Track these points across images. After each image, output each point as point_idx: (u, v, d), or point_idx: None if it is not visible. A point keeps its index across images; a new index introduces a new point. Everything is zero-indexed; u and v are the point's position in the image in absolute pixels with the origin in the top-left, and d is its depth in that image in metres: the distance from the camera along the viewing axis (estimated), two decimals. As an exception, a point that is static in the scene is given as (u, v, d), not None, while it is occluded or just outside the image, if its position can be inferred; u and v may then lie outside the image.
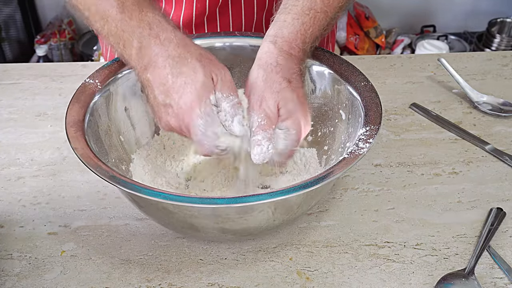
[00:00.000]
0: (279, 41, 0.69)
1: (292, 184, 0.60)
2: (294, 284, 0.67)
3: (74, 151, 0.63)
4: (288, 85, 0.67)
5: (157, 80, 0.65)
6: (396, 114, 0.95)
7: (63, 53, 2.51)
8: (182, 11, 0.92)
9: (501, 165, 0.85)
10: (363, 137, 0.66)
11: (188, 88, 0.64)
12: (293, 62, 0.69)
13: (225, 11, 0.93)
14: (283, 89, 0.67)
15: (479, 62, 1.10)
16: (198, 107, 0.64)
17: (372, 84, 0.74)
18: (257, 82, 0.68)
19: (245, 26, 0.95)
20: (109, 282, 0.67)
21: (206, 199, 0.61)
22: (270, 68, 0.68)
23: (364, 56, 1.13)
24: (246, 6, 0.93)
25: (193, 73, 0.64)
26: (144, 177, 0.75)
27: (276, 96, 0.67)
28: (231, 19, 0.93)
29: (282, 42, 0.69)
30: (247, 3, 0.92)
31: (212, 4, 0.91)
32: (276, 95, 0.67)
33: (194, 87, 0.64)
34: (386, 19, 2.55)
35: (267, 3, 0.93)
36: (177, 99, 0.64)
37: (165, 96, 0.65)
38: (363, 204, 0.78)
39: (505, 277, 0.68)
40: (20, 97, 1.00)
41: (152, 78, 0.65)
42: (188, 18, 0.92)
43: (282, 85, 0.67)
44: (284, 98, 0.67)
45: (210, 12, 0.92)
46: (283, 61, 0.68)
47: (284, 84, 0.67)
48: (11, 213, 0.77)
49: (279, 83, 0.67)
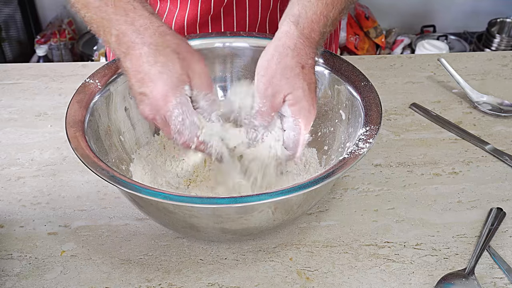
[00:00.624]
0: (302, 22, 0.68)
1: (292, 184, 0.60)
2: (294, 284, 0.67)
3: (74, 151, 0.63)
4: (301, 71, 0.67)
5: (134, 68, 0.65)
6: (396, 114, 0.95)
7: (63, 53, 2.51)
8: (187, 11, 0.93)
9: (501, 165, 0.85)
10: (363, 137, 0.66)
11: (163, 78, 0.63)
12: (310, 47, 0.68)
13: (230, 11, 0.93)
14: (295, 75, 0.67)
15: (479, 62, 1.10)
16: (172, 96, 0.64)
17: (372, 84, 0.74)
18: (270, 64, 0.67)
19: (249, 26, 0.95)
20: (109, 282, 0.68)
21: (206, 199, 0.61)
22: (286, 51, 0.67)
23: (364, 56, 1.13)
24: (251, 6, 0.93)
25: (170, 64, 0.64)
26: (144, 177, 0.75)
27: (285, 83, 0.66)
28: (235, 19, 0.94)
29: (304, 23, 0.68)
30: (251, 3, 0.92)
31: (217, 4, 0.91)
32: (286, 81, 0.66)
33: (170, 77, 0.64)
34: (386, 19, 2.55)
35: (272, 3, 0.93)
36: (152, 88, 0.64)
37: (140, 84, 0.64)
38: (363, 204, 0.78)
39: (505, 277, 0.68)
40: (20, 97, 1.00)
41: (130, 66, 0.65)
42: (192, 18, 0.93)
43: (295, 71, 0.67)
44: (294, 85, 0.67)
45: (215, 12, 0.92)
46: (301, 45, 0.67)
47: (297, 70, 0.67)
48: (11, 213, 0.77)
49: (292, 68, 0.67)
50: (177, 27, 0.95)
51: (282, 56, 0.67)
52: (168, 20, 0.95)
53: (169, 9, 0.95)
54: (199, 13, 0.92)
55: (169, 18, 0.95)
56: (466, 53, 1.46)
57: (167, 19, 0.95)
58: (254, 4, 0.93)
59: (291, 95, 0.67)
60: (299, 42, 0.67)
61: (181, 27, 0.94)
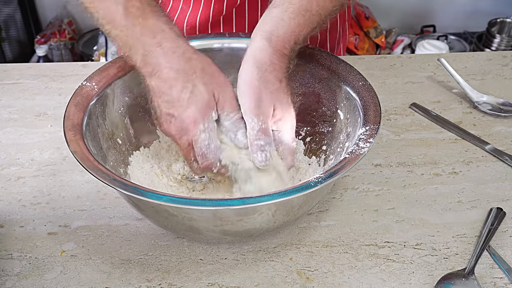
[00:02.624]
0: (274, 39, 0.69)
1: (293, 185, 0.60)
2: (294, 284, 0.67)
3: (73, 155, 0.63)
4: (280, 85, 0.69)
5: (161, 89, 0.66)
6: (396, 114, 0.95)
7: (63, 53, 2.51)
8: (200, 11, 0.93)
9: (501, 165, 0.85)
10: (363, 137, 0.66)
11: (192, 105, 0.66)
12: (284, 62, 0.70)
13: (242, 12, 0.93)
14: (276, 89, 0.68)
15: (479, 62, 1.10)
16: (202, 122, 0.66)
17: (370, 83, 0.74)
18: (252, 82, 0.68)
19: None
20: (109, 282, 0.68)
21: (207, 201, 0.61)
22: (264, 67, 0.68)
23: (364, 56, 1.13)
24: (263, 7, 0.93)
25: (196, 90, 0.66)
26: (143, 179, 0.75)
27: (271, 97, 0.68)
28: (247, 20, 0.94)
29: (276, 41, 0.69)
30: (264, 4, 0.93)
31: (229, 4, 0.92)
32: (271, 96, 0.68)
33: (199, 104, 0.66)
34: (386, 19, 2.55)
35: None
36: (181, 112, 0.66)
37: (169, 106, 0.66)
38: (363, 204, 0.78)
39: (505, 277, 0.68)
40: (20, 97, 1.00)
41: (156, 86, 0.67)
42: (205, 18, 0.93)
43: (275, 85, 0.68)
44: (279, 99, 0.68)
45: (227, 12, 0.93)
46: (276, 61, 0.69)
47: (277, 84, 0.68)
48: (11, 213, 0.77)
49: (273, 83, 0.68)
50: (189, 26, 0.95)
51: (262, 71, 0.68)
52: (180, 19, 0.95)
53: (182, 8, 0.95)
54: (212, 13, 0.93)
55: (181, 18, 0.95)
56: (466, 53, 1.46)
57: (179, 18, 0.95)
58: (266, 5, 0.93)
59: (277, 110, 0.69)
60: (274, 58, 0.69)
61: (193, 27, 0.95)
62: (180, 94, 0.66)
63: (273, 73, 0.68)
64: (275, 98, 0.68)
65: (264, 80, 0.68)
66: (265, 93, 0.67)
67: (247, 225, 0.64)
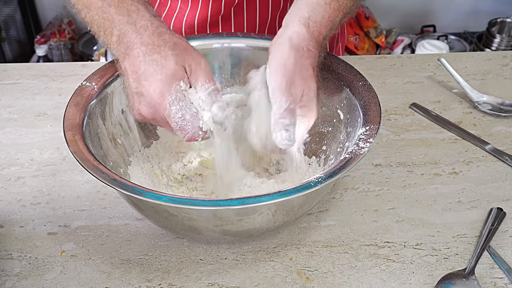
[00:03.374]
0: (312, 25, 0.68)
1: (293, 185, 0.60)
2: (294, 284, 0.67)
3: (73, 155, 0.63)
4: (312, 73, 0.68)
5: (131, 68, 0.65)
6: (396, 114, 0.95)
7: (63, 53, 2.51)
8: (198, 10, 0.93)
9: (501, 165, 0.85)
10: (363, 137, 0.66)
11: (157, 76, 0.64)
12: (318, 50, 0.69)
13: (240, 11, 0.93)
14: (308, 76, 0.67)
15: (479, 62, 1.10)
16: (168, 93, 0.64)
17: (370, 83, 0.74)
18: (288, 64, 0.66)
19: (259, 26, 0.95)
20: (109, 282, 0.67)
21: (207, 201, 0.61)
22: (301, 52, 0.67)
23: (364, 56, 1.13)
24: (261, 6, 0.93)
25: (164, 61, 0.64)
26: (143, 179, 0.75)
27: (303, 83, 0.66)
28: (245, 19, 0.94)
29: (314, 27, 0.68)
30: (262, 3, 0.92)
31: (227, 3, 0.92)
32: (303, 82, 0.67)
33: (164, 74, 0.64)
34: (386, 19, 2.55)
35: (282, 3, 0.93)
36: (147, 87, 0.64)
37: (137, 84, 0.65)
38: (363, 204, 0.78)
39: (505, 277, 0.68)
40: (20, 97, 1.00)
41: (128, 66, 0.65)
42: (203, 18, 0.93)
43: (309, 72, 0.67)
44: (308, 86, 0.67)
45: (225, 12, 0.93)
46: (312, 48, 0.68)
47: (310, 71, 0.67)
48: (11, 213, 0.77)
49: (307, 69, 0.67)
50: (187, 26, 0.95)
51: (298, 56, 0.67)
52: (179, 19, 0.95)
53: (180, 7, 0.95)
54: (210, 12, 0.93)
55: (180, 17, 0.95)
56: (466, 53, 1.46)
57: (177, 18, 0.95)
58: (264, 4, 0.93)
59: (305, 96, 0.67)
60: (311, 45, 0.68)
61: (191, 26, 0.95)
62: (148, 68, 0.64)
63: (308, 59, 0.67)
64: (305, 85, 0.67)
65: (299, 65, 0.66)
66: (298, 77, 0.66)
67: (247, 225, 0.64)
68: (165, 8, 0.97)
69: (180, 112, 0.64)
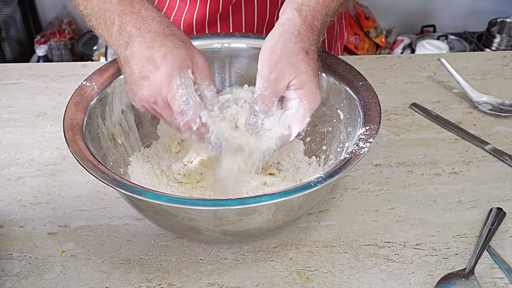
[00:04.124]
0: (304, 10, 0.68)
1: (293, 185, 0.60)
2: (294, 284, 0.67)
3: (73, 155, 0.63)
4: (305, 56, 0.67)
5: (136, 53, 0.65)
6: (396, 114, 0.95)
7: (63, 53, 2.51)
8: (196, 9, 0.93)
9: (501, 165, 0.85)
10: (363, 137, 0.66)
11: (168, 59, 0.64)
12: (313, 33, 0.69)
13: (238, 10, 0.93)
14: (299, 60, 0.67)
15: (479, 62, 1.10)
16: (178, 76, 0.64)
17: (370, 83, 0.74)
18: (274, 50, 0.67)
19: (257, 24, 0.95)
20: (109, 282, 0.67)
21: (207, 201, 0.61)
22: (290, 37, 0.67)
23: (364, 56, 1.13)
24: (259, 5, 0.93)
25: (175, 47, 0.64)
26: (143, 179, 0.75)
27: (290, 68, 0.67)
28: (244, 18, 0.94)
29: (307, 11, 0.68)
30: (260, 1, 0.92)
31: (225, 2, 0.92)
32: (290, 66, 0.67)
33: (176, 58, 0.64)
34: (386, 19, 2.55)
35: (280, 2, 0.93)
36: (155, 70, 0.64)
37: (142, 68, 0.64)
38: (363, 204, 0.78)
39: (505, 277, 0.68)
40: (20, 97, 1.00)
41: (132, 53, 0.65)
42: (202, 16, 0.93)
43: (299, 56, 0.67)
44: (298, 70, 0.67)
45: (224, 10, 0.93)
46: (304, 31, 0.68)
47: (301, 55, 0.67)
48: (11, 213, 0.77)
49: (296, 54, 0.67)
50: (186, 25, 0.95)
51: (286, 41, 0.67)
52: (177, 18, 0.95)
53: (179, 6, 0.95)
54: (208, 11, 0.93)
55: (178, 16, 0.95)
56: (466, 53, 1.46)
57: (176, 16, 0.95)
58: (262, 3, 0.93)
59: (296, 79, 0.67)
60: (302, 29, 0.68)
61: (190, 25, 0.95)
62: (155, 53, 0.64)
63: (299, 43, 0.67)
64: (293, 69, 0.67)
65: (286, 50, 0.67)
66: (283, 63, 0.66)
67: (247, 225, 0.64)
68: (163, 7, 0.97)
69: (185, 96, 0.64)
